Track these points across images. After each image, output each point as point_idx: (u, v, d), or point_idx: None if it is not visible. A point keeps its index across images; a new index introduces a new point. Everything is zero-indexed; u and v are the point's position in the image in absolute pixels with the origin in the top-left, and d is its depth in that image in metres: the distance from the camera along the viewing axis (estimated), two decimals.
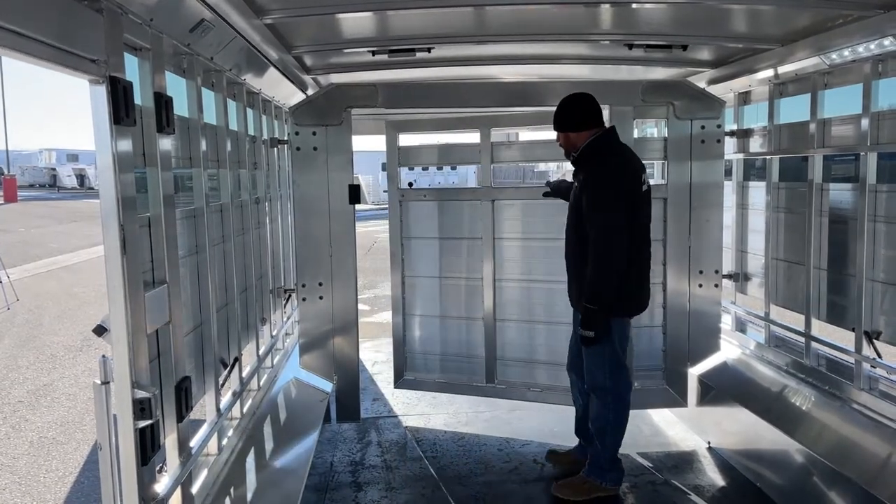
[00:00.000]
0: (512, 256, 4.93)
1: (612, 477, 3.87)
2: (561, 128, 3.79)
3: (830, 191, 4.00)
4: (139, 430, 2.04)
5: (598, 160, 3.69)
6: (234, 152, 3.54)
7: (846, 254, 3.85)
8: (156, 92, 2.32)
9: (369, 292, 11.86)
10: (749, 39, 3.94)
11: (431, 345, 5.16)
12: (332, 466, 4.39)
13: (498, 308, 4.95)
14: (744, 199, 4.96)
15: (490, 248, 4.89)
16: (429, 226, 5.05)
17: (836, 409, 3.72)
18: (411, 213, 5.07)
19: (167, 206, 2.41)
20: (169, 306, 2.39)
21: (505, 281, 4.94)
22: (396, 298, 5.15)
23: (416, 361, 5.21)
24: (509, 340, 4.98)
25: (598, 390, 3.82)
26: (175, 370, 2.43)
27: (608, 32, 3.93)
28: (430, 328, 5.15)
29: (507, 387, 5.01)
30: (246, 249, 3.84)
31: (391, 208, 5.07)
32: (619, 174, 3.63)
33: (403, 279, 5.13)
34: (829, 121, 3.98)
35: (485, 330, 4.97)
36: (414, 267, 5.12)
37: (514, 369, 5.01)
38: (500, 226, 4.88)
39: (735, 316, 5.02)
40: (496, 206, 4.88)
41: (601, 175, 3.63)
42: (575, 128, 3.75)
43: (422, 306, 5.15)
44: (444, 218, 5.04)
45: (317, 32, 3.60)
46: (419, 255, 5.10)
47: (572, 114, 3.76)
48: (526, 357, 4.98)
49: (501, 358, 5.01)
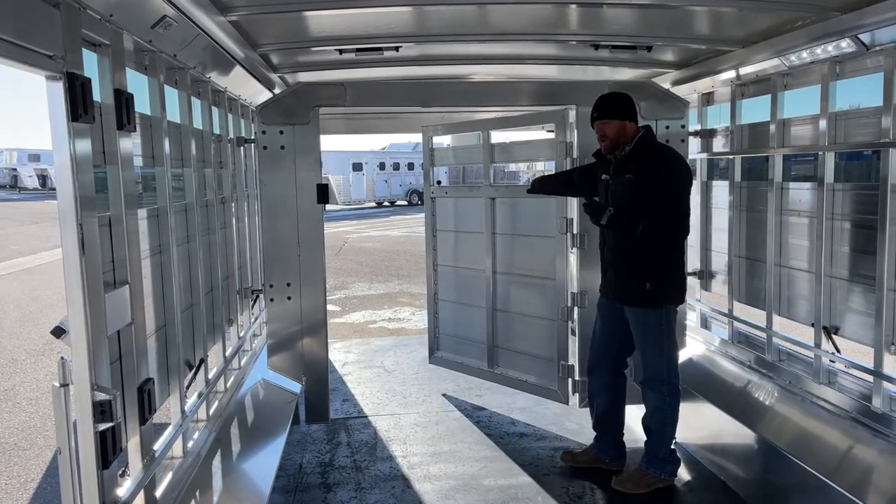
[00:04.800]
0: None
1: (671, 469, 3.95)
2: (622, 115, 3.78)
3: (790, 189, 4.08)
4: (99, 433, 2.00)
5: (658, 153, 3.79)
6: (198, 151, 3.49)
7: (805, 251, 3.93)
8: (116, 89, 2.28)
9: (340, 293, 11.80)
10: (712, 41, 4.00)
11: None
12: (301, 468, 4.35)
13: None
14: (708, 198, 5.04)
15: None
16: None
17: (797, 403, 3.80)
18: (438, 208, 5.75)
19: (129, 205, 2.36)
20: (131, 307, 2.35)
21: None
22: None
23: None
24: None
25: (654, 382, 3.87)
26: (137, 372, 2.39)
27: (575, 33, 3.96)
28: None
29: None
30: (212, 249, 3.79)
31: (426, 204, 5.85)
32: (683, 166, 3.80)
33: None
34: (789, 121, 4.06)
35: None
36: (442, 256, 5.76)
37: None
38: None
39: (700, 313, 5.09)
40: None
41: (670, 168, 3.73)
42: (636, 119, 3.83)
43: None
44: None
45: (282, 30, 3.56)
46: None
47: (631, 105, 3.83)
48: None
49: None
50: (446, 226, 5.69)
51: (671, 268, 3.83)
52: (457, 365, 5.74)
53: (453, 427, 4.99)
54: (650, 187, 3.64)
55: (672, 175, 3.73)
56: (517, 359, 5.23)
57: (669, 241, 3.79)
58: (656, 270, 3.75)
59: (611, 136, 3.79)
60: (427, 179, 5.77)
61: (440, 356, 5.88)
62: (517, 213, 5.06)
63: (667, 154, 3.84)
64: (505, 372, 5.33)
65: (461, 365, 5.70)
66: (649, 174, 3.67)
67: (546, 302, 4.90)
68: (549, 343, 4.92)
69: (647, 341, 3.86)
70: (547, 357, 4.95)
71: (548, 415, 5.07)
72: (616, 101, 3.83)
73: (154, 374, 2.76)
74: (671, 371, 3.87)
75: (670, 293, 3.83)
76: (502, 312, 5.31)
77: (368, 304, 10.74)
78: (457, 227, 5.62)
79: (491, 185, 5.31)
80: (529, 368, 5.12)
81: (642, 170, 3.69)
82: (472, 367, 5.60)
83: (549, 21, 3.69)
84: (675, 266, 3.87)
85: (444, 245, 5.72)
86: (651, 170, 3.68)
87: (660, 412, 3.90)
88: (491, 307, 5.35)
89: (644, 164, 3.71)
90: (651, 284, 3.74)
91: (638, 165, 3.72)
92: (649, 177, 3.66)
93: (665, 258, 3.78)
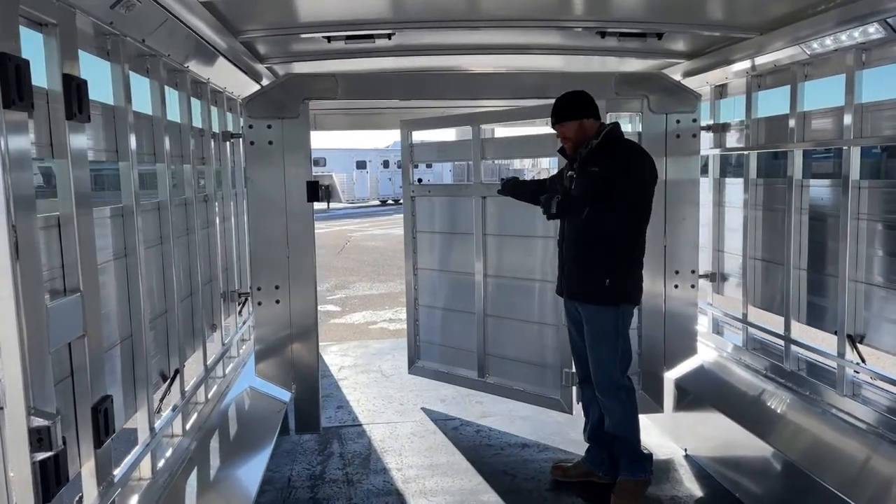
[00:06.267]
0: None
1: (648, 466, 3.84)
2: (577, 115, 3.64)
3: (811, 187, 3.84)
4: (38, 463, 1.76)
5: (624, 148, 3.66)
6: (174, 146, 3.24)
7: (827, 253, 3.68)
8: (65, 74, 2.04)
9: (341, 293, 11.59)
10: (726, 27, 3.76)
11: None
12: (290, 481, 4.13)
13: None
14: (721, 196, 4.79)
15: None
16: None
17: (817, 415, 3.56)
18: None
19: (81, 204, 2.12)
20: (83, 317, 2.11)
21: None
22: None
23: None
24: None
25: (612, 388, 3.71)
26: (92, 389, 2.15)
27: (580, 19, 3.72)
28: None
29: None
30: (191, 251, 3.55)
31: (405, 203, 5.46)
32: (649, 162, 3.64)
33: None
34: (810, 114, 3.81)
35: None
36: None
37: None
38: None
39: (712, 317, 4.85)
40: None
41: (636, 161, 3.61)
42: (595, 114, 3.67)
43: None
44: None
45: (265, 15, 3.32)
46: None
47: (587, 102, 3.67)
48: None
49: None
50: (429, 227, 5.36)
51: (631, 264, 3.68)
52: (441, 375, 5.38)
53: (451, 437, 4.75)
54: (616, 177, 3.51)
55: (636, 166, 3.61)
56: (512, 367, 4.92)
57: (631, 237, 3.64)
58: (615, 266, 3.61)
59: (571, 136, 3.68)
60: (406, 178, 5.40)
61: (421, 366, 5.51)
62: (513, 213, 4.70)
63: (633, 149, 3.74)
64: (498, 381, 5.02)
65: (446, 375, 5.34)
66: (614, 164, 3.55)
67: (547, 306, 4.63)
68: (549, 350, 4.65)
69: (602, 342, 3.68)
70: (547, 364, 4.68)
71: (551, 423, 4.83)
72: (568, 103, 3.69)
73: (117, 390, 2.53)
74: (624, 374, 3.74)
75: (629, 291, 3.69)
76: (495, 318, 4.99)
77: (370, 304, 10.52)
78: (441, 228, 5.29)
79: (482, 183, 4.98)
80: (527, 377, 4.82)
81: (609, 162, 3.56)
82: (458, 376, 5.25)
83: (553, 6, 3.45)
84: (636, 263, 3.71)
85: (426, 248, 5.39)
86: (616, 161, 3.56)
87: (625, 418, 3.76)
88: (482, 312, 5.02)
89: (610, 157, 3.59)
90: (610, 280, 3.58)
91: (604, 158, 3.59)
92: (614, 167, 3.54)
93: (626, 254, 3.64)
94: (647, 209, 3.67)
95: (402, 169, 5.47)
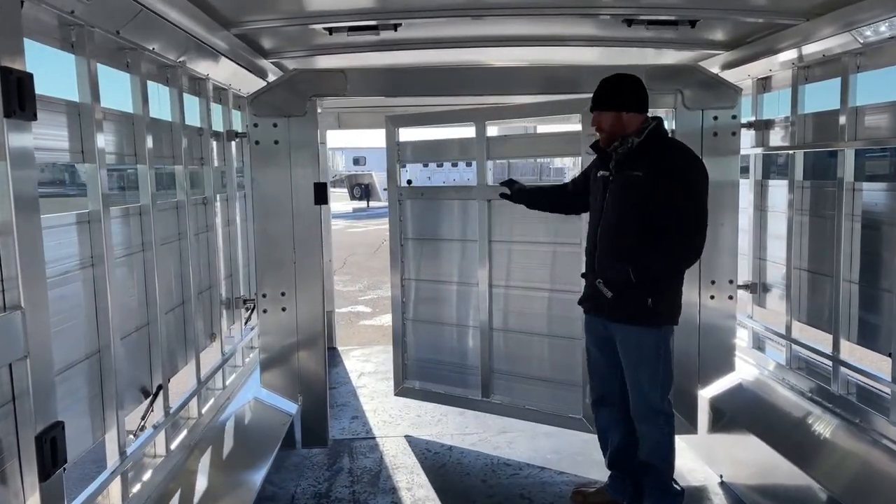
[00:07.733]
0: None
1: (679, 500, 3.51)
2: (616, 106, 3.21)
3: (864, 191, 3.47)
4: None
5: (675, 148, 3.29)
6: (158, 146, 3.04)
7: (882, 265, 3.32)
8: (3, 66, 1.83)
9: (372, 293, 11.39)
10: (769, 13, 3.43)
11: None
12: (294, 499, 3.91)
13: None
14: (763, 199, 4.44)
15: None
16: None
17: (867, 444, 3.21)
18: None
19: (24, 210, 1.91)
20: (25, 336, 1.90)
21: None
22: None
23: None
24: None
25: (651, 414, 3.37)
26: (35, 417, 1.94)
27: (605, 6, 3.41)
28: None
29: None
30: (183, 257, 3.36)
31: (391, 207, 4.93)
32: (703, 167, 3.27)
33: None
34: (863, 109, 3.46)
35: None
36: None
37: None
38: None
39: (752, 332, 4.48)
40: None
41: (692, 163, 3.24)
42: (639, 108, 3.23)
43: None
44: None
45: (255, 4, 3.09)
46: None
47: (632, 91, 3.23)
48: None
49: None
50: (420, 233, 4.84)
51: (676, 283, 3.32)
52: (434, 396, 4.91)
53: (467, 454, 4.48)
54: (672, 188, 3.12)
55: (696, 175, 3.21)
56: (524, 385, 4.54)
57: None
58: (660, 285, 3.23)
59: (605, 128, 3.26)
60: (392, 179, 4.87)
61: (410, 386, 5.01)
62: (526, 217, 4.22)
63: (686, 152, 3.31)
64: (507, 401, 4.61)
65: (441, 396, 4.88)
66: (654, 174, 3.13)
67: (562, 318, 4.28)
68: (568, 366, 4.31)
69: (643, 367, 3.31)
70: (566, 381, 4.34)
71: (576, 442, 4.49)
72: (611, 90, 3.24)
73: (80, 412, 2.33)
74: (665, 399, 3.38)
75: (672, 312, 3.33)
76: (501, 332, 4.58)
77: None
78: (435, 235, 4.78)
79: (488, 185, 4.53)
80: (542, 395, 4.46)
81: (656, 167, 3.14)
82: (456, 396, 4.81)
83: None
84: (679, 282, 3.35)
85: (417, 256, 4.87)
86: (662, 170, 3.13)
87: (661, 447, 3.40)
88: (487, 326, 4.59)
89: (641, 164, 3.17)
90: (653, 300, 3.19)
91: (651, 162, 3.16)
92: (654, 177, 3.13)
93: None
94: (703, 224, 3.22)
95: (388, 170, 4.93)
